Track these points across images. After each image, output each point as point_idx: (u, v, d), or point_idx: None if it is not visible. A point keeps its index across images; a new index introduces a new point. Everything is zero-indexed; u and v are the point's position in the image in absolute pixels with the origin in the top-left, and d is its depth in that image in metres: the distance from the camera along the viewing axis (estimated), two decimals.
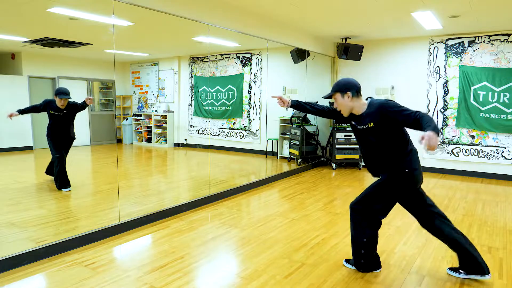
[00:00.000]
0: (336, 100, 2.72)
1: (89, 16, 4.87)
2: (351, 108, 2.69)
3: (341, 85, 2.70)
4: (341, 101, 2.69)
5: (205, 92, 9.58)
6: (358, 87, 2.70)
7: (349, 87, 2.67)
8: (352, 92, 2.65)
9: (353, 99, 2.66)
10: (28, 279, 2.69)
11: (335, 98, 2.73)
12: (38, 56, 7.32)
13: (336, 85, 2.74)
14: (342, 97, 2.67)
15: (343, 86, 2.68)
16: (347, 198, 5.07)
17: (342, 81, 2.73)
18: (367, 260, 2.79)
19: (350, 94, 2.65)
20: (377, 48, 7.39)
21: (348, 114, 2.74)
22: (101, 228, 3.49)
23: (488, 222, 4.07)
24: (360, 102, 2.68)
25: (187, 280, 2.68)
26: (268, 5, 4.99)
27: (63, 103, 4.88)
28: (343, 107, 2.70)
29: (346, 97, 2.66)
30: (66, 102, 4.91)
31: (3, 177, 5.92)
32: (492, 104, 6.28)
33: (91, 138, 8.47)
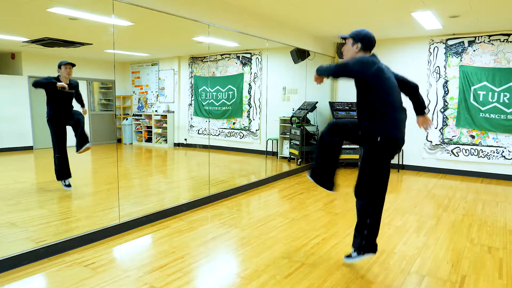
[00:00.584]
0: (347, 44, 2.77)
1: (89, 16, 4.87)
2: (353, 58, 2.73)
3: (358, 34, 2.74)
4: (349, 48, 2.75)
5: (205, 92, 9.58)
6: (371, 43, 2.77)
7: (363, 39, 2.73)
8: (362, 45, 2.72)
9: (360, 51, 2.73)
10: (28, 279, 2.69)
11: (347, 42, 2.77)
12: (38, 56, 7.32)
13: (356, 31, 2.77)
14: (352, 45, 2.74)
15: (358, 35, 2.73)
16: (347, 198, 5.06)
17: (362, 32, 2.76)
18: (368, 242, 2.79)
19: (359, 45, 2.72)
20: (377, 48, 7.36)
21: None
22: (101, 228, 3.49)
23: (488, 222, 4.07)
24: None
25: (187, 280, 2.68)
26: (268, 5, 4.99)
27: (69, 72, 4.73)
28: (347, 53, 2.77)
29: (355, 47, 2.72)
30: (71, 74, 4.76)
31: (3, 177, 5.92)
32: (492, 104, 6.28)
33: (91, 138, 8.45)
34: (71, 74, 4.77)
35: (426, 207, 4.67)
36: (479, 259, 3.09)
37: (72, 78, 4.95)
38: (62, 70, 4.71)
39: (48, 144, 6.43)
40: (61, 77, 4.72)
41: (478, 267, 2.93)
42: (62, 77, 4.73)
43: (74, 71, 7.87)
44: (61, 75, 4.72)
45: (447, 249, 3.30)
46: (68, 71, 4.73)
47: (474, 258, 3.11)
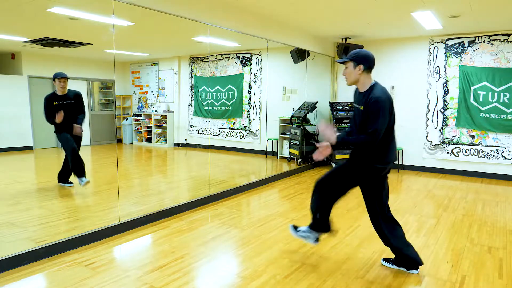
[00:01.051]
0: (347, 68, 2.72)
1: (89, 16, 4.87)
2: (356, 80, 2.72)
3: (358, 56, 2.68)
4: (351, 70, 2.71)
5: (205, 92, 9.58)
6: (372, 64, 2.72)
7: (364, 61, 2.67)
8: (365, 66, 2.67)
9: (363, 73, 2.69)
10: (28, 279, 2.69)
11: (347, 65, 2.73)
12: (38, 56, 7.32)
13: (354, 53, 2.72)
14: (354, 67, 2.69)
15: (358, 57, 2.68)
16: (347, 198, 5.06)
17: (362, 53, 2.71)
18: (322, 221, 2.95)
19: (362, 67, 2.67)
20: (377, 48, 7.39)
21: (351, 84, 2.78)
22: (101, 228, 3.49)
23: (488, 222, 4.07)
24: (367, 79, 2.71)
25: (187, 280, 2.68)
26: (268, 5, 4.99)
27: (63, 85, 4.73)
28: (350, 76, 2.73)
29: (357, 69, 2.68)
30: (67, 86, 4.75)
31: (3, 177, 5.92)
32: (492, 104, 6.28)
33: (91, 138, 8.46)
34: (66, 87, 4.79)
35: (426, 207, 4.67)
36: (479, 259, 3.09)
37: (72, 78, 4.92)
38: (56, 83, 4.75)
39: (48, 144, 6.45)
40: (57, 90, 4.76)
41: (478, 267, 2.93)
42: (58, 89, 4.76)
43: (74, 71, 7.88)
44: (56, 87, 4.76)
45: (447, 249, 3.30)
46: (62, 84, 4.75)
47: (474, 258, 3.11)
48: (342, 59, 2.77)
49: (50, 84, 7.46)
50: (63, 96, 4.83)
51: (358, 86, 2.77)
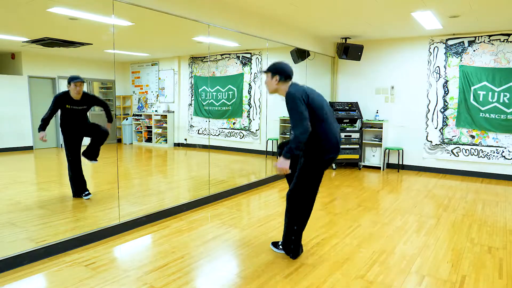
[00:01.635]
0: (266, 78, 2.96)
1: (89, 16, 4.87)
2: (276, 90, 2.95)
3: (274, 68, 2.92)
4: (269, 81, 2.94)
5: (205, 92, 9.58)
6: (288, 74, 2.91)
7: (280, 72, 2.90)
8: (281, 77, 2.89)
9: (280, 83, 2.90)
10: (28, 279, 2.69)
11: (266, 76, 2.97)
12: (38, 56, 7.31)
13: (271, 65, 2.95)
14: (271, 78, 2.92)
15: (275, 69, 2.91)
16: (347, 198, 5.07)
17: (277, 65, 2.93)
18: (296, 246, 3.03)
19: (277, 78, 2.89)
20: (377, 48, 7.39)
21: (272, 93, 3.01)
22: (101, 228, 3.49)
23: (488, 222, 4.07)
24: (285, 86, 2.91)
25: (187, 280, 2.68)
26: (268, 5, 4.99)
27: (78, 90, 4.39)
28: (269, 86, 2.97)
29: (274, 79, 2.90)
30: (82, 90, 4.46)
31: (3, 177, 5.92)
32: (492, 104, 6.28)
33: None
34: (81, 91, 4.48)
35: (426, 207, 4.67)
36: (479, 259, 3.09)
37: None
38: (72, 87, 4.40)
39: (48, 144, 6.46)
40: (71, 93, 4.44)
41: (478, 267, 2.93)
42: (72, 93, 4.44)
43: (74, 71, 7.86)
44: (70, 91, 4.44)
45: (447, 249, 3.30)
46: (78, 89, 4.42)
47: (474, 258, 3.11)
48: (263, 70, 3.01)
49: (50, 84, 7.47)
50: (77, 101, 4.50)
51: (280, 94, 2.97)
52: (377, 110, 7.43)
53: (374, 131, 7.43)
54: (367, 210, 4.50)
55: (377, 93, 7.48)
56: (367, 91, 7.57)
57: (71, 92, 4.44)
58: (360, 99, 7.57)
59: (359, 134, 7.18)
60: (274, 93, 3.01)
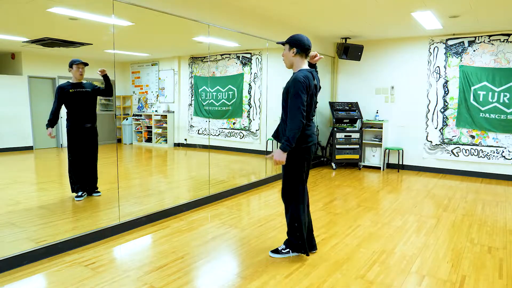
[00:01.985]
0: (284, 49, 2.97)
1: (89, 16, 4.87)
2: (291, 63, 2.95)
3: (292, 40, 2.92)
4: (286, 53, 2.95)
5: (205, 92, 9.58)
6: (306, 48, 2.91)
7: (298, 44, 2.89)
8: (298, 49, 2.89)
9: (296, 55, 2.91)
10: (28, 279, 2.69)
11: (284, 48, 2.98)
12: (38, 56, 7.31)
13: (289, 38, 2.95)
14: (289, 50, 2.93)
15: (293, 41, 2.91)
16: (347, 198, 5.07)
17: (296, 37, 2.93)
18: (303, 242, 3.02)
19: (295, 50, 2.89)
20: (377, 48, 7.39)
21: (289, 67, 3.01)
22: (101, 228, 3.49)
23: (488, 222, 4.07)
24: (300, 62, 2.93)
25: (187, 280, 2.68)
26: (268, 5, 4.99)
27: (81, 71, 4.38)
28: (286, 58, 2.98)
29: (291, 52, 2.91)
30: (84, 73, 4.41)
31: (3, 177, 5.92)
32: (492, 104, 6.28)
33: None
34: (84, 74, 4.45)
35: (426, 207, 4.67)
36: (479, 259, 3.09)
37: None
38: (74, 70, 4.40)
39: (48, 144, 6.45)
40: (73, 77, 4.42)
41: (478, 267, 2.93)
42: (74, 77, 4.43)
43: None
44: (72, 75, 4.40)
45: (447, 249, 3.30)
46: (80, 71, 4.43)
47: (474, 258, 3.11)
48: (281, 41, 3.01)
49: (50, 84, 7.47)
50: (80, 84, 4.48)
51: (293, 69, 2.98)
52: (377, 110, 7.43)
53: (374, 131, 7.43)
54: (367, 210, 4.50)
55: (377, 93, 7.48)
56: (367, 91, 7.57)
57: (73, 75, 4.44)
58: (360, 99, 7.57)
59: (359, 134, 7.18)
60: (290, 68, 3.00)
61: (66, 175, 5.13)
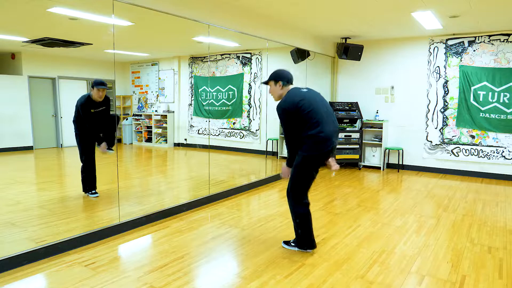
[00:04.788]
0: (270, 86, 3.21)
1: (89, 16, 4.87)
2: (281, 95, 3.16)
3: (275, 75, 3.18)
4: (273, 88, 3.19)
5: (205, 92, 9.58)
6: (289, 78, 3.18)
7: (281, 77, 3.16)
8: (283, 82, 3.15)
9: (284, 87, 3.16)
10: (28, 279, 2.69)
11: (270, 85, 3.22)
12: (38, 56, 7.32)
13: (273, 74, 3.20)
14: (275, 85, 3.18)
15: (276, 76, 3.17)
16: (347, 198, 5.07)
17: (278, 72, 3.19)
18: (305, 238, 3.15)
19: (281, 83, 3.15)
20: (377, 48, 7.39)
21: (278, 100, 3.19)
22: (101, 228, 3.49)
23: (488, 222, 4.07)
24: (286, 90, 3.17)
25: (187, 280, 2.68)
26: (268, 5, 4.99)
27: (101, 95, 4.52)
28: (274, 94, 3.21)
29: (278, 85, 3.16)
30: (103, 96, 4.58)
31: (3, 177, 5.92)
32: (492, 104, 6.28)
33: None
34: (103, 96, 4.60)
35: (426, 207, 4.67)
36: (479, 259, 3.09)
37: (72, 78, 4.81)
38: (95, 91, 4.52)
39: (48, 144, 6.44)
40: (93, 97, 4.55)
41: (478, 267, 2.93)
42: (95, 97, 4.55)
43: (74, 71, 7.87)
44: (92, 95, 4.53)
45: (447, 249, 3.30)
46: (100, 93, 4.52)
47: (474, 258, 3.11)
48: (265, 81, 3.26)
49: (50, 84, 7.48)
50: (100, 103, 4.62)
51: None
52: (377, 110, 7.43)
53: (374, 131, 7.43)
54: (367, 210, 4.50)
55: (377, 93, 7.48)
56: (367, 91, 7.57)
57: (93, 95, 4.54)
58: (360, 99, 7.57)
59: (359, 134, 7.18)
60: (279, 100, 3.17)
61: (66, 175, 5.14)
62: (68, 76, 7.70)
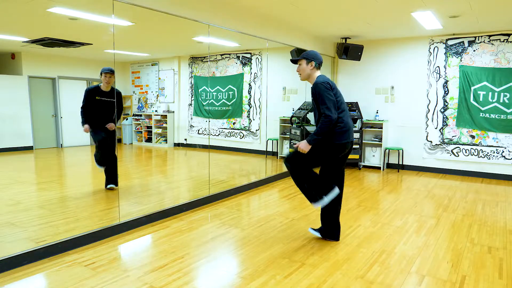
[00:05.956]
0: (301, 65, 3.25)
1: (89, 16, 4.87)
2: (309, 76, 3.24)
3: (310, 55, 3.23)
4: (304, 67, 3.23)
5: (205, 92, 9.58)
6: (321, 62, 3.25)
7: (315, 58, 3.22)
8: (315, 63, 3.22)
9: (314, 69, 3.23)
10: (28, 279, 2.69)
11: (300, 63, 3.25)
12: (38, 56, 7.32)
13: (305, 53, 3.25)
14: (306, 64, 3.22)
15: (311, 56, 3.22)
16: (347, 198, 5.07)
17: (312, 52, 3.26)
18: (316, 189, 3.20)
19: (313, 64, 3.21)
20: (377, 48, 7.39)
21: (304, 79, 3.29)
22: (101, 228, 3.49)
23: (488, 222, 4.07)
24: (316, 74, 3.24)
25: (187, 280, 2.68)
26: (268, 5, 4.99)
27: (108, 80, 4.67)
28: (304, 73, 3.25)
29: (309, 65, 3.21)
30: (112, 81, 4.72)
31: (3, 177, 5.92)
32: (492, 104, 6.28)
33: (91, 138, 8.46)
34: (112, 82, 4.72)
35: (426, 207, 4.67)
36: (479, 259, 3.09)
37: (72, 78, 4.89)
38: (102, 78, 4.70)
39: (48, 144, 6.45)
40: (102, 84, 4.72)
41: (478, 267, 2.93)
42: (103, 84, 4.72)
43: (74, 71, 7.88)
44: (101, 82, 4.71)
45: (447, 249, 3.30)
46: (107, 79, 4.68)
47: (474, 258, 3.11)
48: (296, 58, 3.28)
49: (50, 84, 7.47)
50: (106, 93, 4.76)
51: (310, 81, 3.26)
52: (377, 110, 7.43)
53: (374, 131, 7.43)
54: (367, 210, 4.50)
55: (377, 93, 7.48)
56: (367, 91, 7.57)
57: (102, 83, 4.72)
58: (360, 99, 7.57)
59: (359, 134, 7.18)
60: (305, 80, 3.26)
61: (66, 175, 5.14)
62: (68, 76, 7.69)
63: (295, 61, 3.31)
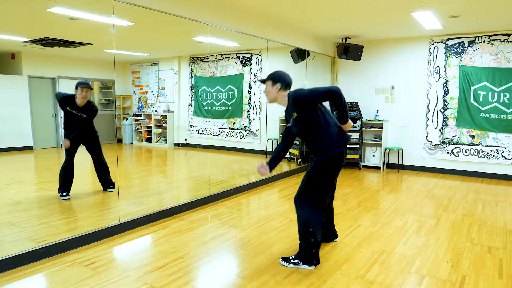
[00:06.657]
0: (266, 86, 2.98)
1: (89, 16, 4.87)
2: (275, 98, 2.97)
3: (275, 76, 2.93)
4: (269, 89, 2.95)
5: (205, 92, 9.58)
6: (288, 82, 2.95)
7: (281, 80, 2.92)
8: (281, 85, 2.91)
9: (280, 90, 2.92)
10: (28, 279, 2.69)
11: (266, 84, 2.98)
12: (38, 56, 7.32)
13: (271, 74, 2.96)
14: (272, 86, 2.93)
15: (276, 77, 2.93)
16: (347, 198, 5.07)
17: (278, 73, 2.95)
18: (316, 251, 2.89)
19: (278, 86, 2.91)
20: (377, 48, 7.39)
21: (271, 102, 3.02)
22: (101, 228, 3.49)
23: (488, 222, 4.07)
24: (285, 95, 2.95)
25: (187, 280, 2.68)
26: (268, 5, 4.99)
27: (84, 95, 4.39)
28: (269, 95, 2.98)
29: (274, 88, 2.92)
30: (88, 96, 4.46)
31: (3, 177, 5.92)
32: (492, 104, 6.28)
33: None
34: (88, 97, 4.48)
35: (426, 207, 4.67)
36: (479, 259, 3.09)
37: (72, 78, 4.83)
38: (78, 91, 4.43)
39: (48, 144, 6.45)
40: (77, 98, 4.46)
41: (478, 267, 2.93)
42: (78, 98, 4.46)
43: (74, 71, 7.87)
44: (77, 95, 4.46)
45: (447, 249, 3.30)
46: (84, 94, 4.42)
47: (474, 258, 3.11)
48: (263, 79, 3.03)
49: (50, 84, 7.47)
50: (79, 107, 4.51)
51: (279, 103, 3.01)
52: (377, 110, 7.43)
53: (374, 131, 7.43)
54: (367, 210, 4.50)
55: (377, 93, 7.48)
56: (367, 91, 7.57)
57: (77, 97, 4.49)
58: (360, 99, 7.57)
59: (359, 134, 7.19)
60: (273, 102, 3.03)
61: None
62: (68, 76, 7.70)
63: (263, 81, 3.02)
